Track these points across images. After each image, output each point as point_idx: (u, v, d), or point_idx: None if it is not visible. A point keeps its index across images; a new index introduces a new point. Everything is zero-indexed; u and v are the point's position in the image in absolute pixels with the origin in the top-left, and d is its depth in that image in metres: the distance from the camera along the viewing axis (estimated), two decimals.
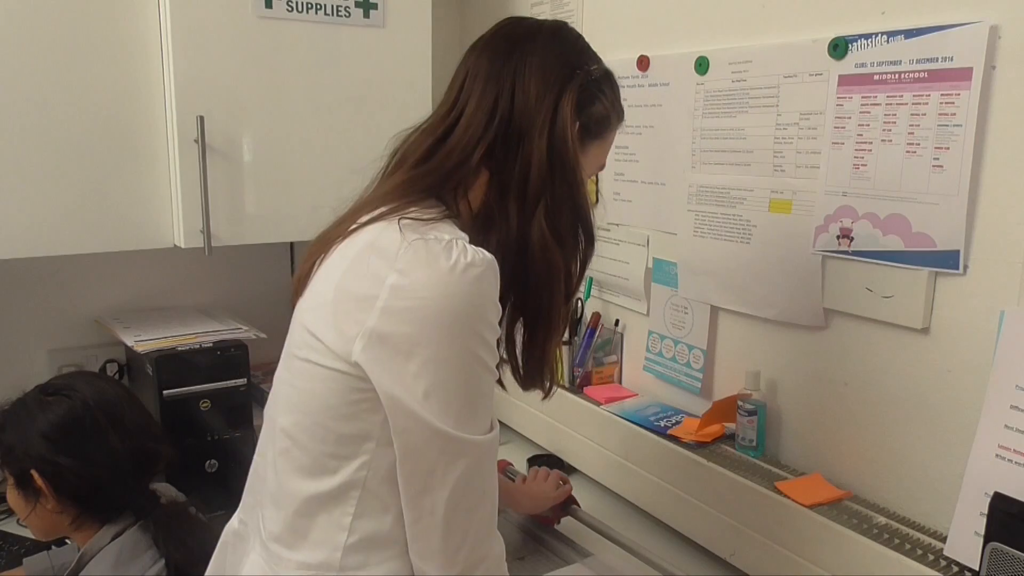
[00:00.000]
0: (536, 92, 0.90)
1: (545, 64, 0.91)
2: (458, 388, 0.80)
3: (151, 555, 1.17)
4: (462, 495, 0.81)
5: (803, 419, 1.38)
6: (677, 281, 1.57)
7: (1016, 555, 0.93)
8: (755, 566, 1.31)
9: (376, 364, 0.79)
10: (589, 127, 0.95)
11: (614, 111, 0.98)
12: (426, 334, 0.78)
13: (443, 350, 0.79)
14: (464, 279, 0.79)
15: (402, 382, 0.79)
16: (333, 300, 0.84)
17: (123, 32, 1.56)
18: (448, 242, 0.81)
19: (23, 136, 1.50)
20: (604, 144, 0.99)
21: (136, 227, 1.64)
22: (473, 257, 0.80)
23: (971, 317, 1.13)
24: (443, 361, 0.79)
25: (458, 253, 0.80)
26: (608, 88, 0.97)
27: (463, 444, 0.80)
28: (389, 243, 0.82)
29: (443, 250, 0.80)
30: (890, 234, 1.19)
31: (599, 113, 0.95)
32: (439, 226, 0.85)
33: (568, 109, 0.90)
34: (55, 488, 1.15)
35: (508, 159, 0.89)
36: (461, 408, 0.80)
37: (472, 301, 0.79)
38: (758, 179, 1.39)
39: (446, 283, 0.78)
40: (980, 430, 1.07)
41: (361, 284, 0.82)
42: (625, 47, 1.66)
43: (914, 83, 1.15)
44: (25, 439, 1.15)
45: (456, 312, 0.79)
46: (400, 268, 0.80)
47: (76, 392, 1.18)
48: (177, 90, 1.58)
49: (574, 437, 1.73)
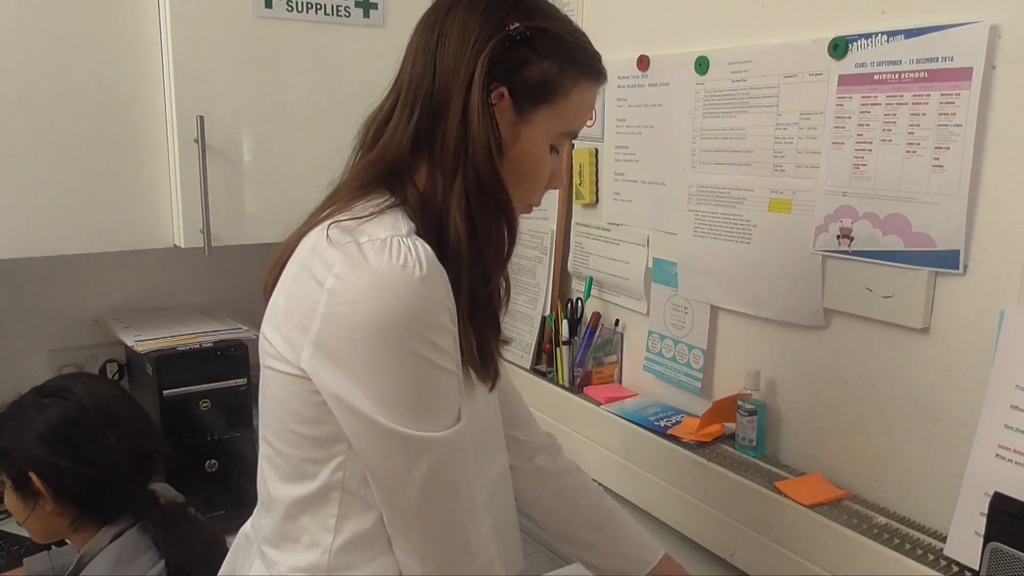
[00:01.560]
0: (452, 61, 0.84)
1: (465, 27, 0.84)
2: (408, 390, 0.78)
3: (151, 556, 1.17)
4: (434, 490, 0.80)
5: (803, 419, 1.38)
6: (677, 281, 1.57)
7: (1016, 555, 0.93)
8: (755, 566, 1.31)
9: (321, 370, 0.79)
10: (525, 93, 0.85)
11: (565, 71, 0.87)
12: (366, 339, 0.76)
13: (386, 354, 0.76)
14: (398, 282, 0.76)
15: (348, 387, 0.77)
16: (283, 308, 0.83)
17: (123, 32, 1.56)
18: (382, 242, 0.78)
19: (23, 136, 1.50)
20: (561, 110, 0.88)
21: (136, 227, 1.64)
22: (406, 258, 0.77)
23: (971, 317, 1.13)
24: (387, 365, 0.77)
25: (391, 254, 0.77)
26: (547, 45, 0.86)
27: (423, 442, 0.78)
28: (326, 248, 0.79)
29: (376, 252, 0.77)
30: (890, 234, 1.19)
31: (535, 77, 0.85)
32: (379, 221, 0.81)
33: (480, 76, 0.82)
34: (53, 490, 1.15)
35: (434, 137, 0.84)
36: (415, 408, 0.78)
37: (409, 305, 0.76)
38: (758, 179, 1.39)
39: (380, 287, 0.76)
40: (980, 430, 1.07)
41: (304, 291, 0.80)
42: (625, 47, 1.66)
43: (914, 83, 1.15)
44: (22, 442, 1.15)
45: (394, 317, 0.76)
46: (336, 273, 0.78)
47: (72, 393, 1.18)
48: (177, 90, 1.58)
49: (574, 437, 1.73)
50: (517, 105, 0.85)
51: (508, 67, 0.84)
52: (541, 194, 0.94)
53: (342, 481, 0.84)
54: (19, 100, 1.49)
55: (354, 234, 0.79)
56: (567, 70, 0.87)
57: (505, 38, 0.84)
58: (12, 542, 1.52)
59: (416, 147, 0.86)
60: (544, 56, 0.86)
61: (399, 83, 0.89)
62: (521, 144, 0.87)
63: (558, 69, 0.86)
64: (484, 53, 0.83)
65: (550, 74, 0.86)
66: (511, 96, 0.85)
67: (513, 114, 0.86)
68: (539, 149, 0.88)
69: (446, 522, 0.82)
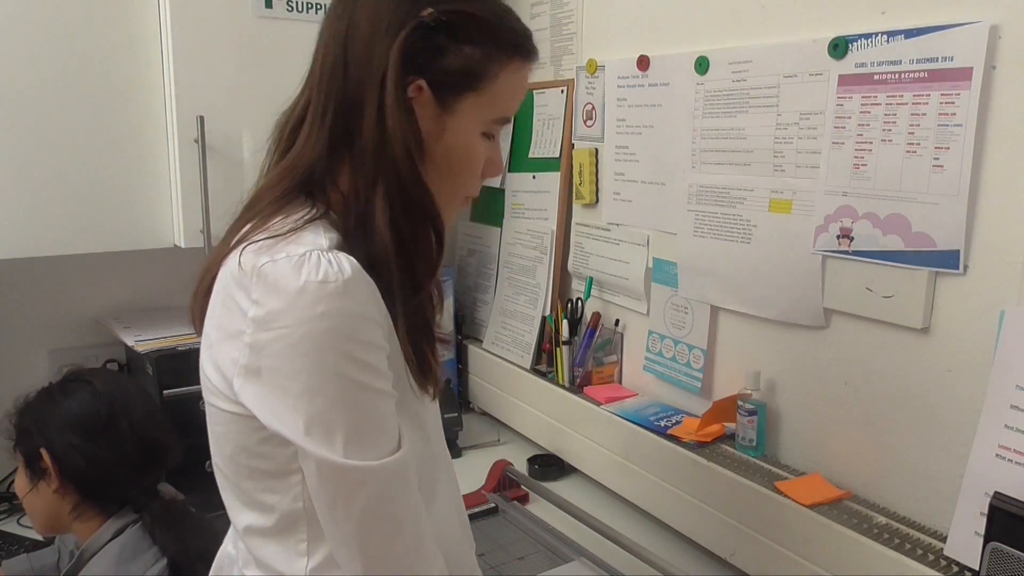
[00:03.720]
0: (364, 53, 0.77)
1: (376, 15, 0.78)
2: (339, 417, 0.72)
3: (152, 554, 1.17)
4: (373, 525, 0.74)
5: (803, 419, 1.38)
6: (677, 281, 1.57)
7: (1016, 555, 0.93)
8: (755, 566, 1.31)
9: (256, 401, 0.74)
10: (447, 83, 0.79)
11: (489, 55, 0.80)
12: (291, 366, 0.71)
13: (313, 379, 0.71)
14: (318, 298, 0.70)
15: (281, 417, 0.72)
16: (214, 340, 0.78)
17: (123, 32, 1.56)
18: (300, 258, 0.71)
19: (23, 136, 1.50)
20: (489, 96, 0.81)
21: (136, 227, 1.64)
22: (326, 272, 0.71)
23: (971, 317, 1.13)
24: (315, 391, 0.71)
25: (309, 270, 0.71)
26: (467, 29, 0.79)
27: (359, 472, 0.72)
28: (245, 270, 0.74)
29: (292, 270, 0.71)
30: (890, 234, 1.19)
31: (456, 65, 0.79)
32: (298, 236, 0.75)
33: (393, 71, 0.76)
34: (60, 468, 1.17)
35: (352, 138, 0.78)
36: (348, 436, 0.72)
37: (332, 321, 0.70)
38: (758, 179, 1.39)
39: (300, 308, 0.70)
40: (980, 430, 1.07)
41: (230, 320, 0.75)
42: (625, 47, 1.66)
43: (914, 83, 1.15)
44: (42, 420, 1.19)
45: (317, 336, 0.70)
46: (255, 298, 0.72)
47: (97, 381, 1.24)
48: (177, 90, 1.58)
49: (574, 437, 1.73)
50: (439, 97, 0.79)
51: (425, 57, 0.78)
52: (479, 184, 0.88)
53: (303, 509, 0.79)
54: (19, 100, 1.49)
55: (271, 253, 0.73)
56: (492, 53, 0.80)
57: (419, 25, 0.77)
58: (12, 541, 1.52)
59: (334, 150, 0.80)
60: (465, 41, 0.79)
61: (311, 78, 0.83)
62: (448, 137, 0.81)
63: (481, 54, 0.79)
64: (396, 44, 0.76)
65: (473, 60, 0.79)
66: (431, 88, 0.79)
67: (435, 107, 0.79)
68: (468, 140, 0.82)
69: (388, 562, 0.76)
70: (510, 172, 2.03)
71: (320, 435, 0.72)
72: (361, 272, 0.73)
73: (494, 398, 2.01)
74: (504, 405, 1.97)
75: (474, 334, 2.15)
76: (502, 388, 1.98)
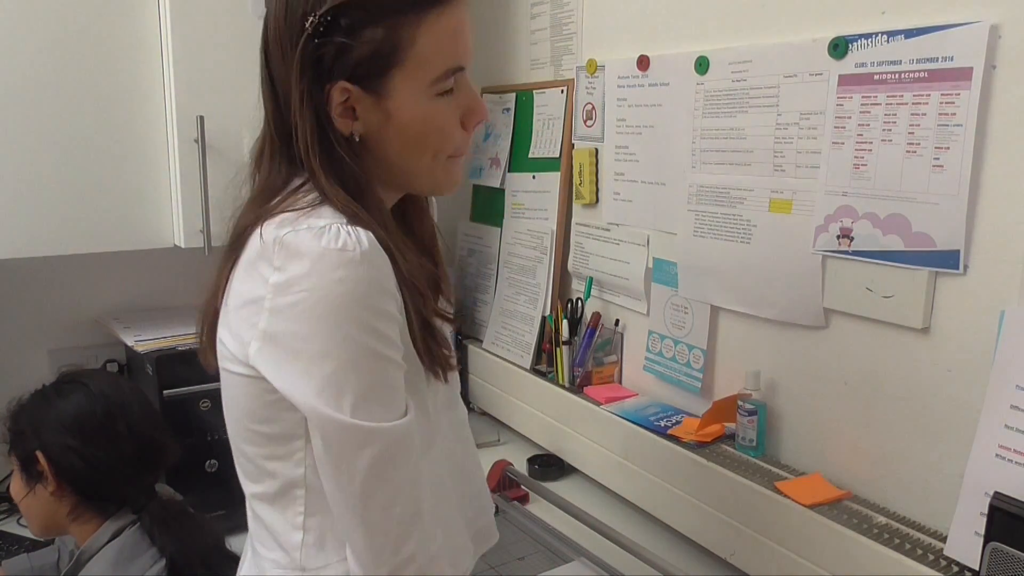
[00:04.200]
0: (283, 77, 0.80)
1: (280, 37, 0.79)
2: (349, 380, 0.75)
3: (151, 555, 1.17)
4: (374, 488, 0.77)
5: (803, 419, 1.38)
6: (677, 281, 1.57)
7: (1016, 555, 0.93)
8: (755, 566, 1.31)
9: (270, 365, 0.77)
10: (365, 73, 0.78)
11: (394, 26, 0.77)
12: (308, 329, 0.74)
13: (328, 344, 0.74)
14: (337, 264, 0.73)
15: (294, 381, 0.76)
16: (233, 307, 0.81)
17: (123, 32, 1.56)
18: (321, 228, 0.75)
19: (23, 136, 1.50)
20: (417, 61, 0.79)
21: (136, 227, 1.64)
22: (345, 241, 0.74)
23: (971, 317, 1.13)
24: (329, 355, 0.74)
25: (329, 239, 0.74)
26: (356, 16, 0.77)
27: (365, 432, 0.75)
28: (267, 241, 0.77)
29: (314, 238, 0.74)
30: (890, 234, 1.19)
31: (363, 53, 0.77)
32: (318, 212, 0.78)
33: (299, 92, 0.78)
34: (57, 471, 1.16)
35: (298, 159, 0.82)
36: (357, 398, 0.75)
37: (350, 287, 0.74)
38: (758, 179, 1.39)
39: (319, 273, 0.74)
40: (980, 430, 1.07)
41: (251, 288, 0.78)
42: (625, 47, 1.66)
43: (914, 83, 1.15)
44: (38, 422, 1.18)
45: (333, 302, 0.74)
46: (278, 265, 0.76)
47: (93, 382, 1.22)
48: (177, 90, 1.58)
49: (574, 437, 1.73)
50: (368, 88, 0.79)
51: (332, 62, 0.77)
52: (463, 138, 0.86)
53: (304, 477, 0.83)
54: (19, 100, 1.49)
55: (293, 225, 0.77)
56: (396, 23, 0.77)
57: (309, 39, 0.77)
58: (12, 541, 1.52)
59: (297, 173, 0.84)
60: (360, 27, 0.77)
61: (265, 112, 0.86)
62: (396, 118, 0.81)
63: (384, 31, 0.77)
64: (294, 66, 0.77)
65: (377, 40, 0.77)
66: (354, 83, 0.79)
67: (368, 97, 0.79)
68: (416, 111, 0.81)
69: (388, 528, 0.78)
70: (510, 172, 2.03)
71: (330, 396, 0.74)
72: (377, 246, 0.76)
73: (494, 398, 2.01)
74: (504, 405, 1.97)
75: (474, 334, 2.15)
76: (502, 388, 1.98)
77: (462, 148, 0.87)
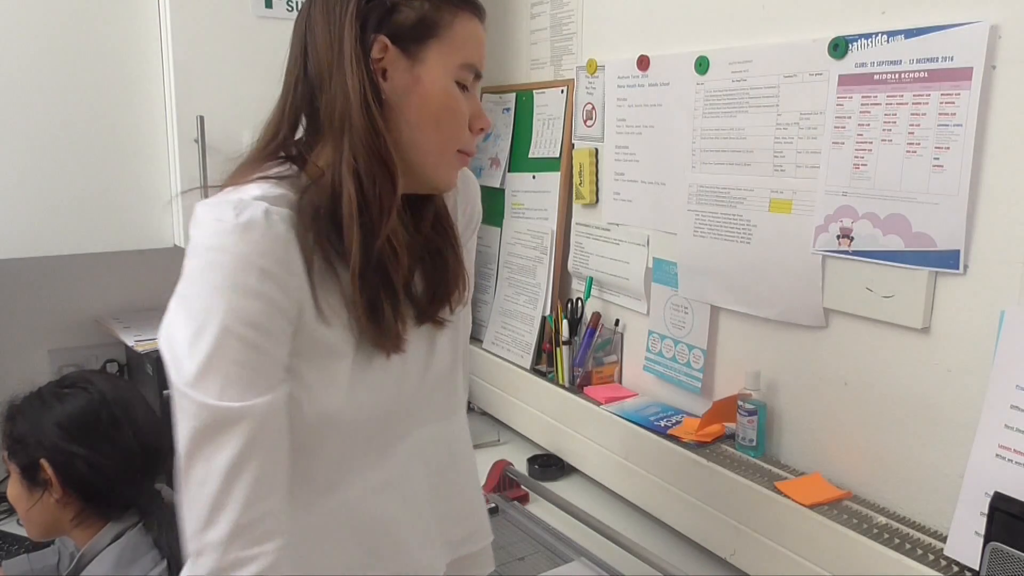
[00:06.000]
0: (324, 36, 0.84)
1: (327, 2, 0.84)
2: (200, 347, 0.75)
3: (152, 557, 1.17)
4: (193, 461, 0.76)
5: (803, 419, 1.38)
6: (677, 281, 1.57)
7: (1016, 555, 0.93)
8: (755, 566, 1.31)
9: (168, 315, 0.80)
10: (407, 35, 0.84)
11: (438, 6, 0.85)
12: (189, 290, 0.78)
13: (196, 307, 0.76)
14: (212, 234, 0.76)
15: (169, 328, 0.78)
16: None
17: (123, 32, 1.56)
18: (223, 201, 0.78)
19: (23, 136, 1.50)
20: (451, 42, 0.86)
21: (136, 227, 1.64)
22: (225, 213, 0.76)
23: (971, 317, 1.13)
24: (193, 318, 0.76)
25: (217, 211, 0.77)
26: None
27: (193, 403, 0.75)
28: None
29: (211, 209, 0.77)
30: (890, 234, 1.19)
31: (410, 18, 0.84)
32: (243, 188, 0.81)
33: (351, 35, 0.82)
34: (63, 478, 1.14)
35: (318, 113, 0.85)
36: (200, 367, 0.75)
37: (216, 257, 0.76)
38: (758, 179, 1.39)
39: (200, 239, 0.77)
40: (980, 430, 1.07)
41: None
42: (625, 47, 1.66)
43: (914, 83, 1.15)
44: (39, 428, 1.15)
45: (204, 270, 0.77)
46: (189, 234, 0.79)
47: (93, 386, 1.19)
48: (177, 90, 1.58)
49: (574, 437, 1.73)
50: (404, 50, 0.84)
51: (379, 16, 0.83)
52: (470, 138, 0.90)
53: None
54: (20, 100, 1.49)
55: (225, 194, 0.80)
56: (440, 4, 0.85)
57: None
58: (12, 541, 1.52)
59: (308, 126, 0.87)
60: None
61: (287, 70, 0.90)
62: (423, 85, 0.85)
63: (430, 5, 0.85)
64: (348, 13, 0.82)
65: (424, 11, 0.84)
66: (394, 43, 0.84)
67: (404, 59, 0.84)
68: (444, 84, 0.86)
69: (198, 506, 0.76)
70: (510, 172, 2.03)
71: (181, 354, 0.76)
72: (268, 223, 0.77)
73: (494, 398, 2.01)
74: (504, 405, 1.97)
75: (474, 334, 2.14)
76: (502, 388, 1.98)
77: (469, 147, 0.90)
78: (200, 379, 0.75)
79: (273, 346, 0.78)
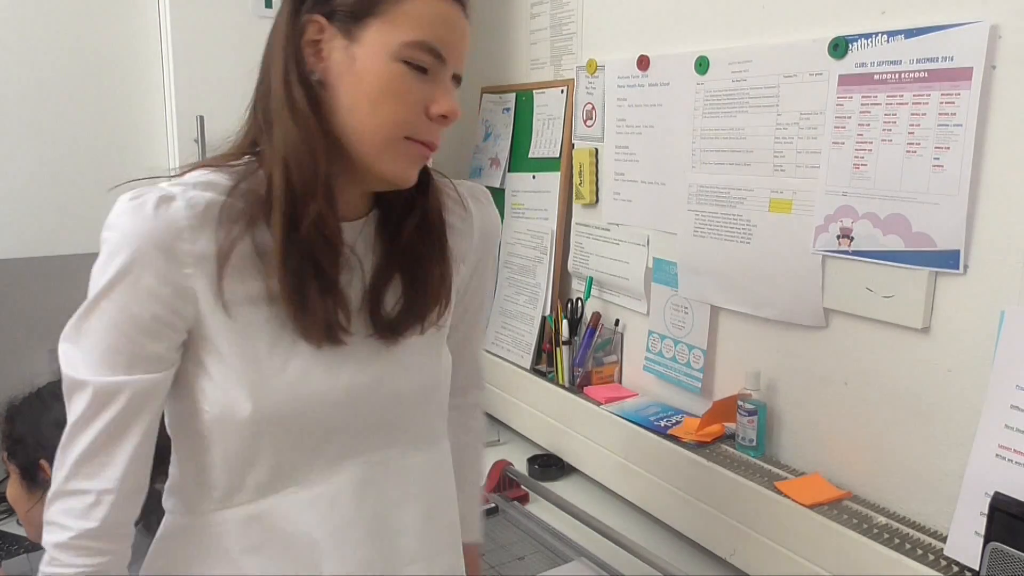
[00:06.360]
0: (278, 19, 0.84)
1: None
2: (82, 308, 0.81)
3: None
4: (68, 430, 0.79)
5: (803, 419, 1.38)
6: (677, 281, 1.57)
7: (1016, 555, 0.93)
8: (755, 566, 1.31)
9: None
10: (344, 13, 0.80)
11: None
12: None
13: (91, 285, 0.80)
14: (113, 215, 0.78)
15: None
16: None
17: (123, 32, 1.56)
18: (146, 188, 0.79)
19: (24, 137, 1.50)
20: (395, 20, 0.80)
21: None
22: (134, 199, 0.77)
23: (971, 317, 1.13)
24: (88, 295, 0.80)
25: (129, 194, 0.78)
26: None
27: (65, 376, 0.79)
28: None
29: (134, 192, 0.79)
30: (890, 234, 1.19)
31: None
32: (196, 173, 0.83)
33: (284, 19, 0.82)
34: None
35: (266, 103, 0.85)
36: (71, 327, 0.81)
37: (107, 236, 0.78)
38: (758, 179, 1.39)
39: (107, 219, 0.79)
40: (980, 430, 1.07)
41: None
42: (625, 47, 1.66)
43: (914, 83, 1.15)
44: (38, 429, 1.15)
45: (101, 244, 0.79)
46: None
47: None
48: (177, 90, 1.58)
49: (574, 437, 1.73)
50: (342, 29, 0.80)
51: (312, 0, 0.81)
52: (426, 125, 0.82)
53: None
54: (19, 100, 1.49)
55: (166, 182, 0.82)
56: None
57: None
58: (12, 541, 1.52)
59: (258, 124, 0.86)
60: None
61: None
62: (358, 64, 0.80)
63: None
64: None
65: None
66: (331, 22, 0.81)
67: (341, 38, 0.80)
68: (379, 65, 0.80)
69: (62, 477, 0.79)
70: (510, 172, 2.03)
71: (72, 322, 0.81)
72: (162, 211, 0.77)
73: (494, 398, 2.01)
74: (504, 405, 1.97)
75: None
76: (502, 388, 1.98)
77: (422, 135, 0.83)
78: (66, 338, 0.80)
79: (134, 330, 0.79)
